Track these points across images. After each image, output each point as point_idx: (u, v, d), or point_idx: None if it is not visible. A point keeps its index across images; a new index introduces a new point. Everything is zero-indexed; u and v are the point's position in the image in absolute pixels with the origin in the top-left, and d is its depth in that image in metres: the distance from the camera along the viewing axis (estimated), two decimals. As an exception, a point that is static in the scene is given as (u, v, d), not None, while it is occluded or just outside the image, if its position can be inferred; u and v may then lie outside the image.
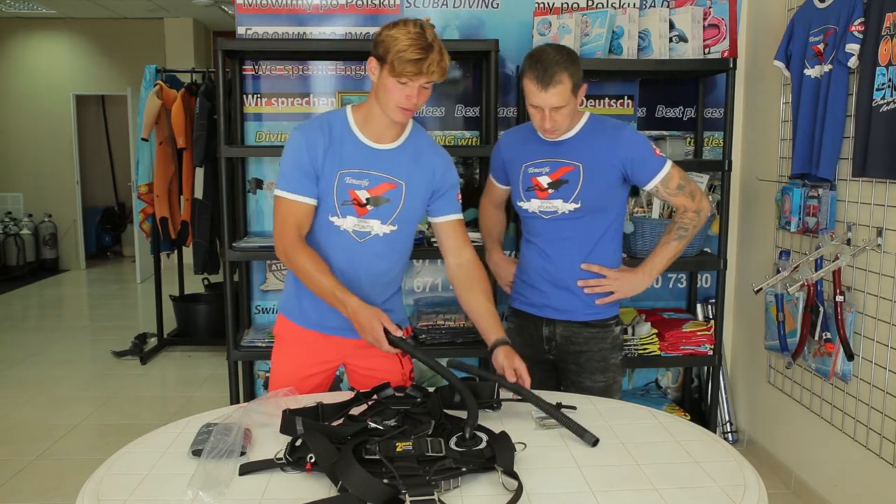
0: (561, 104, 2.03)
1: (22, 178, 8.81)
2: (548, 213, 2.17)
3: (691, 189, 2.19)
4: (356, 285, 1.97)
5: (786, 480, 3.14)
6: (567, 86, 2.01)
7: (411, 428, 1.53)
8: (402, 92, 1.82)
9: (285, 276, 2.21)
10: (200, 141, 4.49)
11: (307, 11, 3.32)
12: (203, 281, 5.62)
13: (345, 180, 1.92)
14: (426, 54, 1.78)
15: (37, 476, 3.28)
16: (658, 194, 2.19)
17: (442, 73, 1.84)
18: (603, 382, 2.23)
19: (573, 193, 2.13)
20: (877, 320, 2.52)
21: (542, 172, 2.16)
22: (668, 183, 2.15)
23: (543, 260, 2.22)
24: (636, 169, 2.13)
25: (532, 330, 2.27)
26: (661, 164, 2.14)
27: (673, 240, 2.21)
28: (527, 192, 2.19)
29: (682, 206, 2.19)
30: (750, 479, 1.42)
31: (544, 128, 2.09)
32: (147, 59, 5.98)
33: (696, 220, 2.20)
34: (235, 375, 3.22)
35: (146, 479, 1.41)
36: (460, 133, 3.43)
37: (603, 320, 2.24)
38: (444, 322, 3.16)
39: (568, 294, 2.21)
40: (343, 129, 1.95)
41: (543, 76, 2.00)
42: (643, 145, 2.15)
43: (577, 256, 2.19)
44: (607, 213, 2.18)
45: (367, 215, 1.94)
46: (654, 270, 2.24)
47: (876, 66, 2.40)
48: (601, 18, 3.04)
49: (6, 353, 5.26)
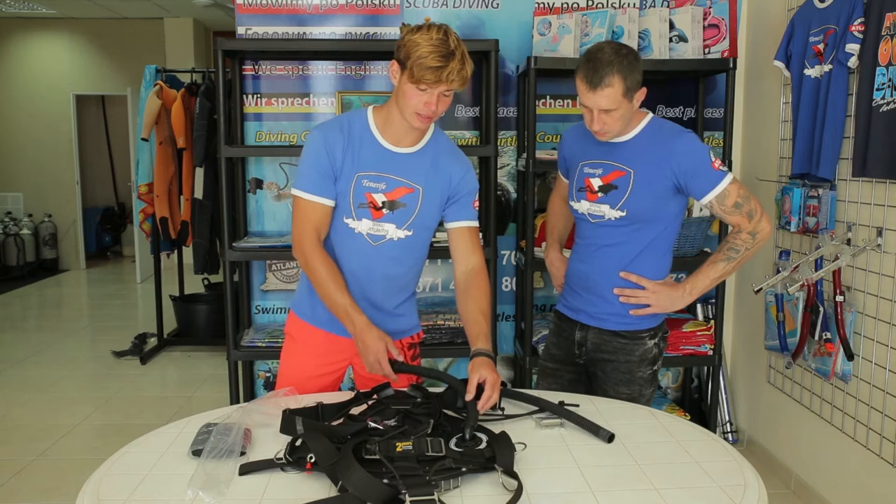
0: (610, 107, 1.93)
1: (22, 178, 8.81)
2: (595, 216, 2.09)
3: (750, 208, 2.00)
4: (369, 288, 1.96)
5: (786, 480, 3.14)
6: (618, 89, 1.91)
7: (411, 428, 1.53)
8: (420, 98, 1.79)
9: (299, 274, 2.19)
10: (200, 141, 4.49)
11: (307, 11, 3.32)
12: (203, 281, 5.62)
13: (362, 183, 1.90)
14: (446, 62, 1.73)
15: (37, 476, 3.28)
16: (713, 210, 2.02)
17: (462, 82, 1.79)
18: (626, 395, 2.12)
19: (620, 201, 2.03)
20: (877, 320, 2.52)
21: (596, 174, 2.07)
22: (723, 200, 1.98)
23: (582, 263, 2.16)
24: (690, 181, 1.98)
25: (567, 333, 2.22)
26: (719, 179, 1.97)
27: (721, 260, 2.04)
28: (579, 192, 2.12)
29: (737, 226, 2.02)
30: (750, 479, 1.42)
31: (593, 129, 2.01)
32: (147, 59, 5.98)
33: (751, 243, 2.01)
34: (235, 375, 3.23)
35: (146, 479, 1.41)
36: (460, 133, 3.43)
37: (635, 332, 2.13)
38: (444, 322, 3.16)
39: (602, 301, 2.12)
40: (363, 131, 1.92)
41: (593, 77, 1.91)
42: (701, 155, 1.98)
43: (616, 265, 2.09)
44: (655, 225, 2.06)
45: (383, 219, 1.92)
46: (696, 290, 2.07)
47: (876, 66, 2.40)
48: (601, 18, 3.04)
49: (6, 353, 5.26)
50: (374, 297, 1.97)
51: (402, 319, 2.06)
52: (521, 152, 3.34)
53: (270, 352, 3.17)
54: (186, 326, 5.54)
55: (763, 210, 2.03)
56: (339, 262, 1.96)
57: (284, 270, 3.45)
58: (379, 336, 1.83)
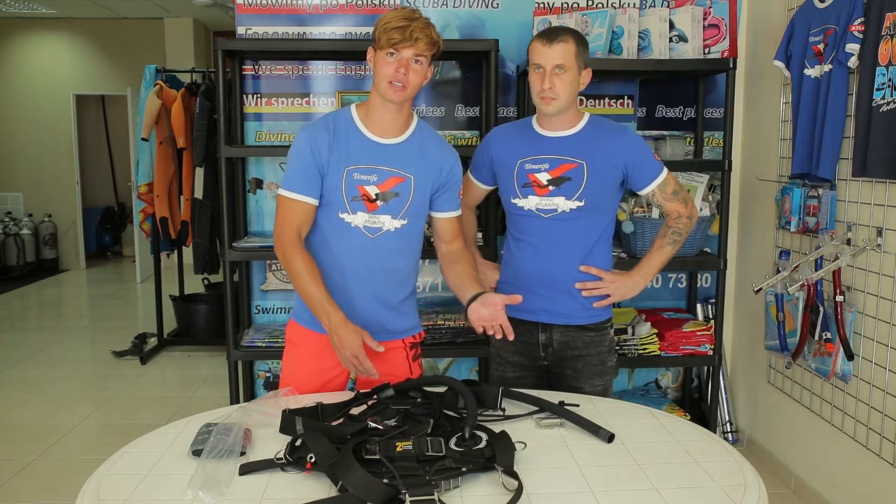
0: (563, 62, 2.01)
1: (22, 178, 8.81)
2: (547, 211, 2.12)
3: (684, 196, 2.21)
4: (371, 285, 1.98)
5: (786, 480, 3.14)
6: (572, 46, 2.02)
7: (411, 428, 1.53)
8: (391, 66, 1.85)
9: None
10: (200, 141, 4.49)
11: (307, 11, 3.32)
12: (203, 281, 5.62)
13: (353, 176, 1.93)
14: (409, 22, 1.83)
15: (37, 476, 3.28)
16: (653, 199, 2.18)
17: (429, 42, 1.86)
18: (601, 386, 2.18)
19: (577, 191, 2.09)
20: (877, 320, 2.52)
21: (542, 169, 2.12)
22: (664, 188, 2.15)
23: (539, 261, 2.15)
24: (637, 172, 2.13)
25: (526, 336, 2.17)
26: (660, 170, 2.15)
27: (668, 244, 2.20)
28: (523, 188, 2.13)
29: (676, 212, 2.19)
30: (750, 478, 1.42)
31: (542, 87, 2.04)
32: (147, 59, 5.98)
33: (689, 226, 2.21)
34: (235, 375, 3.23)
35: (146, 479, 1.41)
36: (460, 133, 3.43)
37: (599, 323, 2.20)
38: (445, 322, 3.16)
39: (566, 297, 2.15)
40: (348, 126, 1.96)
41: (549, 34, 2.04)
42: (645, 149, 2.15)
43: (576, 258, 2.14)
44: (605, 214, 2.16)
45: (377, 211, 1.94)
46: (649, 274, 2.22)
47: (876, 66, 2.40)
48: (601, 18, 3.04)
49: (6, 353, 5.26)
50: (379, 293, 1.99)
51: (405, 318, 2.08)
52: (521, 152, 3.34)
53: (270, 352, 3.16)
54: (186, 326, 5.54)
55: (690, 197, 2.27)
56: (338, 261, 1.97)
57: (284, 270, 3.44)
58: (354, 330, 1.83)
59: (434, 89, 3.41)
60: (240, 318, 3.36)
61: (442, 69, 3.39)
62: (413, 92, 1.90)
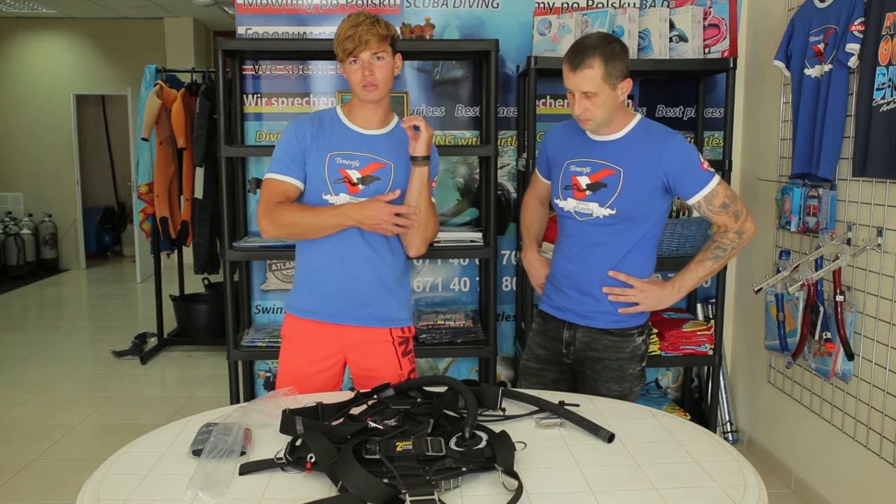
0: (591, 90, 1.96)
1: (22, 178, 8.81)
2: (582, 214, 2.10)
3: (736, 209, 2.07)
4: (362, 271, 2.06)
5: (786, 480, 3.14)
6: (598, 72, 1.95)
7: (411, 428, 1.53)
8: (357, 72, 1.98)
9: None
10: (200, 141, 4.49)
11: (307, 11, 3.32)
12: (203, 281, 5.62)
13: (335, 160, 2.04)
14: (356, 29, 1.94)
15: (37, 476, 3.28)
16: (700, 210, 2.07)
17: (380, 39, 1.95)
18: (617, 392, 2.15)
19: (609, 199, 2.05)
20: (877, 320, 2.52)
21: (583, 172, 2.09)
22: (711, 200, 2.03)
23: (570, 263, 2.16)
24: (679, 181, 2.03)
25: (553, 332, 2.23)
26: (708, 180, 2.03)
27: (709, 258, 2.10)
28: (565, 190, 2.12)
29: (724, 226, 2.08)
30: (750, 478, 1.42)
31: (574, 113, 2.03)
32: (147, 59, 5.98)
33: (737, 242, 2.08)
34: (235, 375, 3.23)
35: (146, 479, 1.41)
36: (460, 133, 3.43)
37: (624, 329, 2.15)
38: (445, 322, 3.16)
39: (591, 300, 2.13)
40: (332, 119, 2.10)
41: (574, 58, 1.98)
42: (690, 157, 2.03)
43: (605, 263, 2.11)
44: (642, 223, 2.09)
45: (359, 194, 2.04)
46: (684, 288, 2.13)
47: (876, 66, 2.40)
48: (601, 18, 3.04)
49: (6, 353, 5.26)
50: (375, 276, 2.08)
51: (400, 306, 2.15)
52: (521, 152, 3.34)
53: (270, 352, 3.17)
54: (186, 326, 5.53)
55: (748, 211, 2.10)
56: (324, 251, 2.05)
57: (284, 270, 3.45)
58: (369, 203, 1.97)
59: (434, 89, 3.41)
60: (240, 318, 3.36)
61: (442, 69, 3.39)
62: (386, 86, 2.02)
